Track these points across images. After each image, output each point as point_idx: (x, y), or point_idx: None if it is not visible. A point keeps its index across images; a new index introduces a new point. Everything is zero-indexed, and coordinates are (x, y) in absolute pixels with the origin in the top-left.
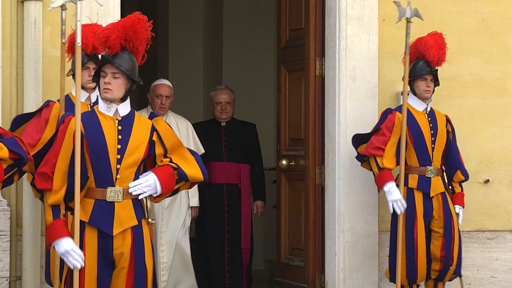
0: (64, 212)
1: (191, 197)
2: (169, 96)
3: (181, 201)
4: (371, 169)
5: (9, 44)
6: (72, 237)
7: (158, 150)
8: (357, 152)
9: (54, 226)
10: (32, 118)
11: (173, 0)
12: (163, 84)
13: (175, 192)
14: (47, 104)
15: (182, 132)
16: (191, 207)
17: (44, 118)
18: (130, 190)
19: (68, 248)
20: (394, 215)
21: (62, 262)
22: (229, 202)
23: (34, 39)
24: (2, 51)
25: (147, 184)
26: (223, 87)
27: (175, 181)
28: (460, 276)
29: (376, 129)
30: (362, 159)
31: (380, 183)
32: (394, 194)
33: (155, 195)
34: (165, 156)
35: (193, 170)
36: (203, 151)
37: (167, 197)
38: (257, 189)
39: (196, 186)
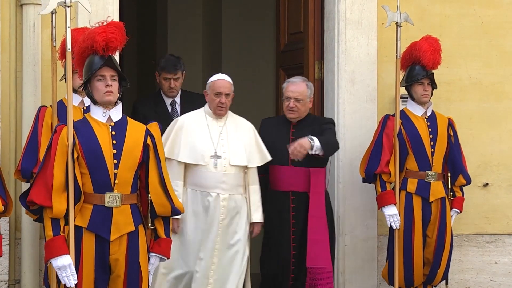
0: (63, 227)
1: (254, 211)
2: (230, 93)
3: (240, 216)
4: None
5: (8, 48)
6: (68, 244)
7: (152, 157)
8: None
9: (54, 242)
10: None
11: (171, 4)
12: (222, 80)
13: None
14: (39, 110)
15: (243, 136)
16: (253, 223)
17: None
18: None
19: (66, 263)
20: None
21: None
22: (297, 213)
23: (33, 42)
24: (1, 55)
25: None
26: (299, 79)
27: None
28: (447, 282)
29: (378, 145)
30: (372, 180)
31: (380, 204)
32: (390, 210)
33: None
34: (158, 168)
35: (179, 204)
36: (269, 158)
37: None
38: None
39: (258, 199)
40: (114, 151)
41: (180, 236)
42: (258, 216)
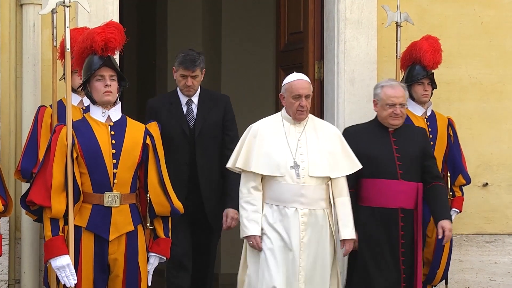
0: (63, 227)
1: (343, 227)
2: (309, 94)
3: (323, 233)
4: None
5: (8, 48)
6: (68, 245)
7: (151, 157)
8: None
9: (53, 242)
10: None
11: (171, 4)
12: (301, 80)
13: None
14: (38, 110)
15: (326, 143)
16: (344, 241)
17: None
18: (149, 283)
19: (65, 263)
20: None
21: None
22: (406, 233)
23: (33, 42)
24: (1, 55)
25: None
26: (396, 83)
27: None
28: (446, 282)
29: None
30: None
31: None
32: None
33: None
34: (157, 168)
35: (177, 203)
36: (360, 166)
37: None
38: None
39: (349, 213)
40: (113, 150)
41: (264, 254)
42: (348, 232)
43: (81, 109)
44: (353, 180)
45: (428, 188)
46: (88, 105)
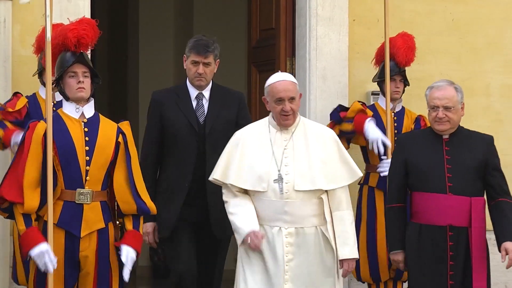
0: (34, 221)
1: (341, 245)
2: (295, 96)
3: (317, 254)
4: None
5: None
6: (47, 241)
7: (121, 155)
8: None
9: (29, 234)
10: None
11: (143, 2)
12: (283, 81)
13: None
14: (12, 98)
15: (318, 150)
16: (342, 261)
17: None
18: (126, 278)
19: (43, 249)
20: (358, 214)
21: (27, 262)
22: (455, 253)
23: (4, 38)
24: None
25: (132, 260)
26: (447, 84)
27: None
28: None
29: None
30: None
31: (359, 127)
32: (372, 132)
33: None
34: (127, 167)
35: (151, 205)
36: (360, 174)
37: None
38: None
39: (348, 229)
40: (87, 148)
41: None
42: (346, 251)
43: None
44: (403, 194)
45: (492, 205)
46: (60, 101)
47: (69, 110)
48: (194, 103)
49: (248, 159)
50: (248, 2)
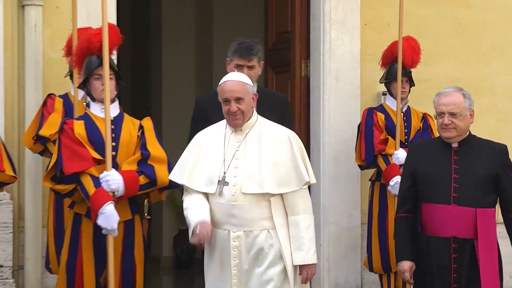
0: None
1: (296, 250)
2: (243, 97)
3: (269, 259)
4: (379, 167)
5: (11, 47)
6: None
7: (138, 142)
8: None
9: (98, 193)
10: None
11: (165, 5)
12: (230, 81)
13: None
14: (49, 97)
15: (270, 152)
16: (300, 267)
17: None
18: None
19: (112, 207)
20: (370, 209)
21: (59, 252)
22: (459, 266)
23: (35, 42)
24: (4, 53)
25: (116, 178)
26: (452, 89)
27: (139, 186)
28: None
29: (368, 132)
30: (372, 162)
31: (388, 177)
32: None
33: (116, 196)
34: (143, 148)
35: (162, 174)
36: (307, 179)
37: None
38: None
39: (304, 234)
40: (113, 143)
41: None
42: (301, 256)
43: (84, 103)
44: (410, 203)
45: (508, 218)
46: (89, 102)
47: (96, 110)
48: None
49: (201, 160)
50: (265, 6)
